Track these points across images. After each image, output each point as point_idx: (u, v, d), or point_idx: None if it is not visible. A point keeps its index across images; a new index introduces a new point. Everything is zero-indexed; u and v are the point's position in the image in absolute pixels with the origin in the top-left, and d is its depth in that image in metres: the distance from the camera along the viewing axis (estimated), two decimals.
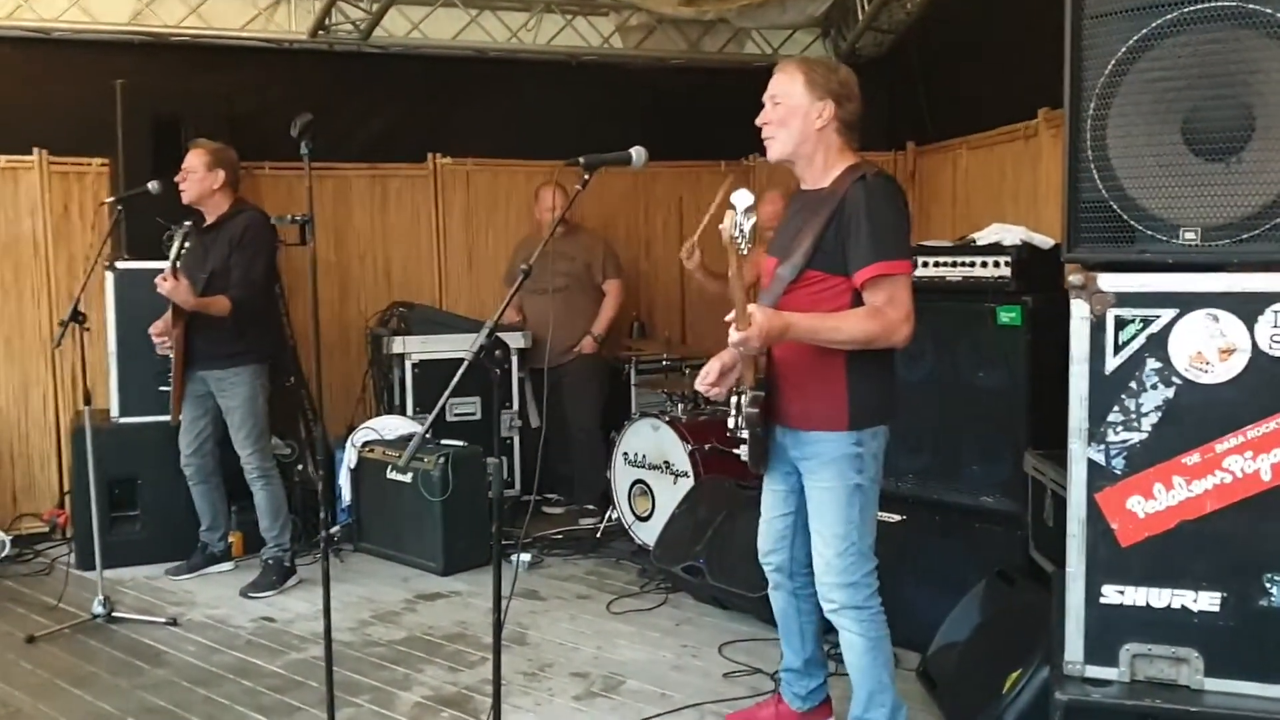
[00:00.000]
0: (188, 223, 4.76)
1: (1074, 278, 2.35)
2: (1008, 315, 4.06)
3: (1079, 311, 2.37)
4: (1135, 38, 2.38)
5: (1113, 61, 2.40)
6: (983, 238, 4.28)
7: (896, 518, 4.35)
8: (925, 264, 4.30)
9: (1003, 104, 5.82)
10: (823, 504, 3.14)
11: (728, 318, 2.87)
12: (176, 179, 5.09)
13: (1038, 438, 3.95)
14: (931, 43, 6.69)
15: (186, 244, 4.63)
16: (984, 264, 4.15)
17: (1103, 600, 2.39)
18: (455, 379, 2.82)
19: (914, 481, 4.33)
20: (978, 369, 4.16)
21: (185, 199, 5.10)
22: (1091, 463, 2.39)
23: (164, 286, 4.73)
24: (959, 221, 6.25)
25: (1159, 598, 2.37)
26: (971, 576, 3.92)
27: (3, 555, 5.74)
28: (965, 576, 3.96)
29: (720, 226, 2.72)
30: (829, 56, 3.15)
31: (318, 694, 3.81)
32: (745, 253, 2.72)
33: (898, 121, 7.05)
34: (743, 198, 2.71)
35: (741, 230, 2.68)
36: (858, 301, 2.99)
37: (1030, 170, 5.74)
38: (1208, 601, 2.35)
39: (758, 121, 3.14)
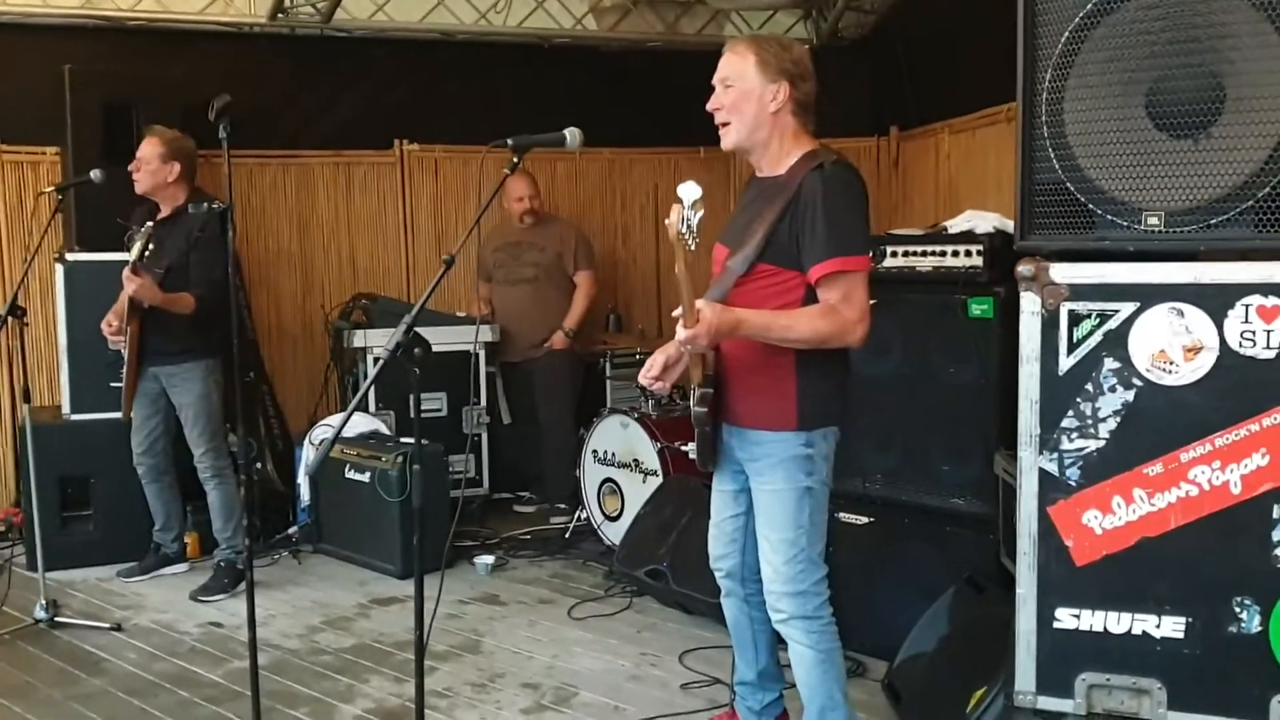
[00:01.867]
0: (149, 222, 4.58)
1: (1023, 268, 2.14)
2: (979, 307, 3.85)
3: (1029, 306, 2.17)
4: (1093, 1, 2.15)
5: (1069, 28, 2.19)
6: (954, 225, 4.09)
7: (864, 520, 4.16)
8: (894, 254, 4.10)
9: (985, 86, 5.61)
10: (771, 508, 2.97)
11: (675, 313, 2.72)
12: (130, 168, 4.90)
13: (1010, 437, 3.72)
14: (914, 23, 6.49)
15: (150, 244, 4.45)
16: (955, 253, 3.95)
17: (1056, 625, 2.19)
18: (371, 378, 2.73)
19: (882, 482, 4.13)
20: (948, 364, 3.96)
21: (138, 189, 4.92)
22: (1043, 473, 2.18)
23: (130, 285, 4.56)
24: (943, 209, 6.04)
25: (1118, 622, 2.16)
26: (941, 582, 3.74)
27: None
28: (935, 582, 3.77)
29: (667, 221, 2.56)
30: (783, 36, 2.99)
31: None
32: (693, 248, 2.57)
33: (881, 105, 6.84)
34: (689, 190, 2.57)
35: (689, 225, 2.54)
36: (811, 297, 2.84)
37: (1012, 154, 5.50)
38: (1171, 627, 2.14)
39: (709, 107, 2.96)
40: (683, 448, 5.09)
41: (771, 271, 2.85)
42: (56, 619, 4.59)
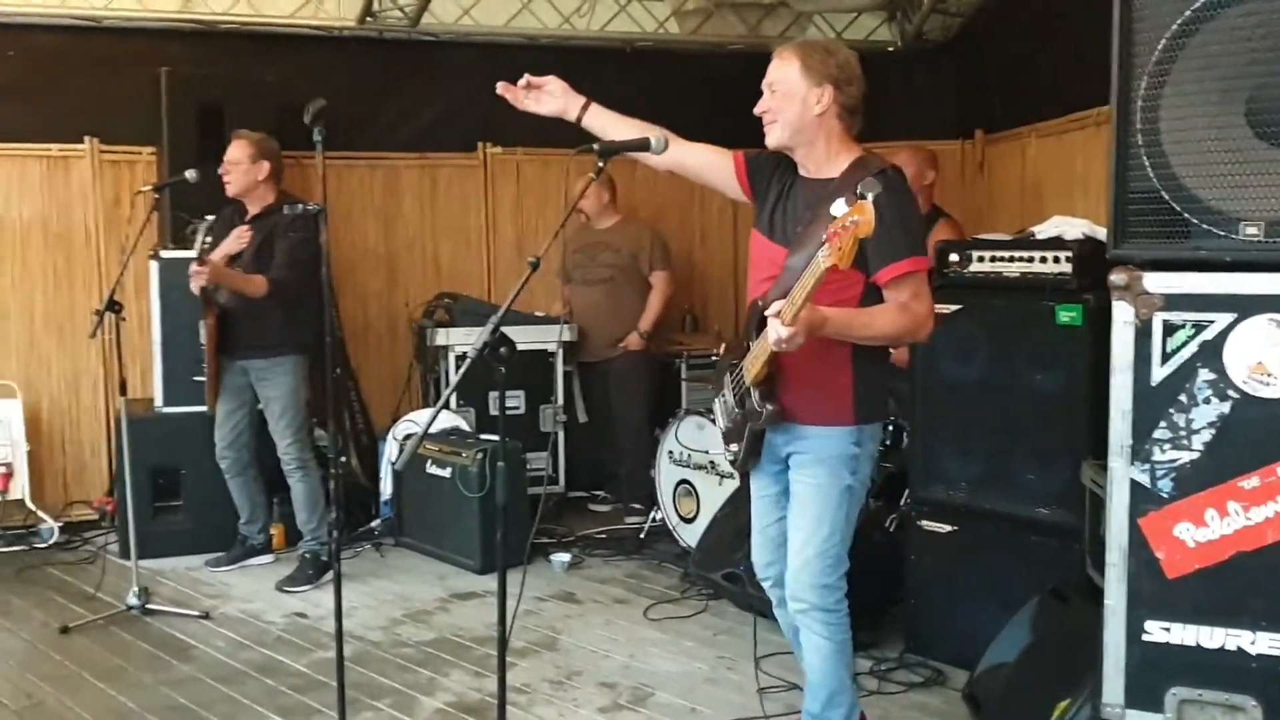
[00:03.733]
0: (210, 217, 4.69)
1: (1116, 277, 2.11)
2: (1068, 314, 3.78)
3: (1122, 315, 2.13)
4: (1192, 7, 2.13)
5: (1167, 35, 2.15)
6: (1042, 231, 4.02)
7: (946, 528, 4.10)
8: (981, 259, 4.04)
9: (1074, 89, 5.51)
10: (810, 500, 3.03)
11: (772, 309, 2.71)
12: (220, 171, 5.02)
13: (1098, 447, 3.66)
14: (1001, 25, 6.40)
15: (209, 238, 4.57)
16: (1043, 259, 3.87)
17: (1146, 637, 2.15)
18: (457, 377, 2.73)
19: (965, 490, 4.06)
20: (1035, 371, 3.89)
21: (230, 192, 5.04)
22: (1134, 484, 2.15)
23: (198, 280, 4.70)
24: (1028, 213, 5.95)
25: (1211, 637, 2.12)
26: (1024, 593, 3.68)
27: (50, 542, 5.77)
28: (1018, 592, 3.71)
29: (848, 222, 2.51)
30: (831, 41, 2.93)
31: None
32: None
33: (965, 109, 6.76)
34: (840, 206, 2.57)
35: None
36: (868, 296, 2.91)
37: (1102, 159, 5.38)
38: (1268, 644, 2.09)
39: (756, 111, 3.03)
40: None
41: (833, 273, 2.81)
42: (148, 606, 4.72)
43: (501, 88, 3.23)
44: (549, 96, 3.28)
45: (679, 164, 3.17)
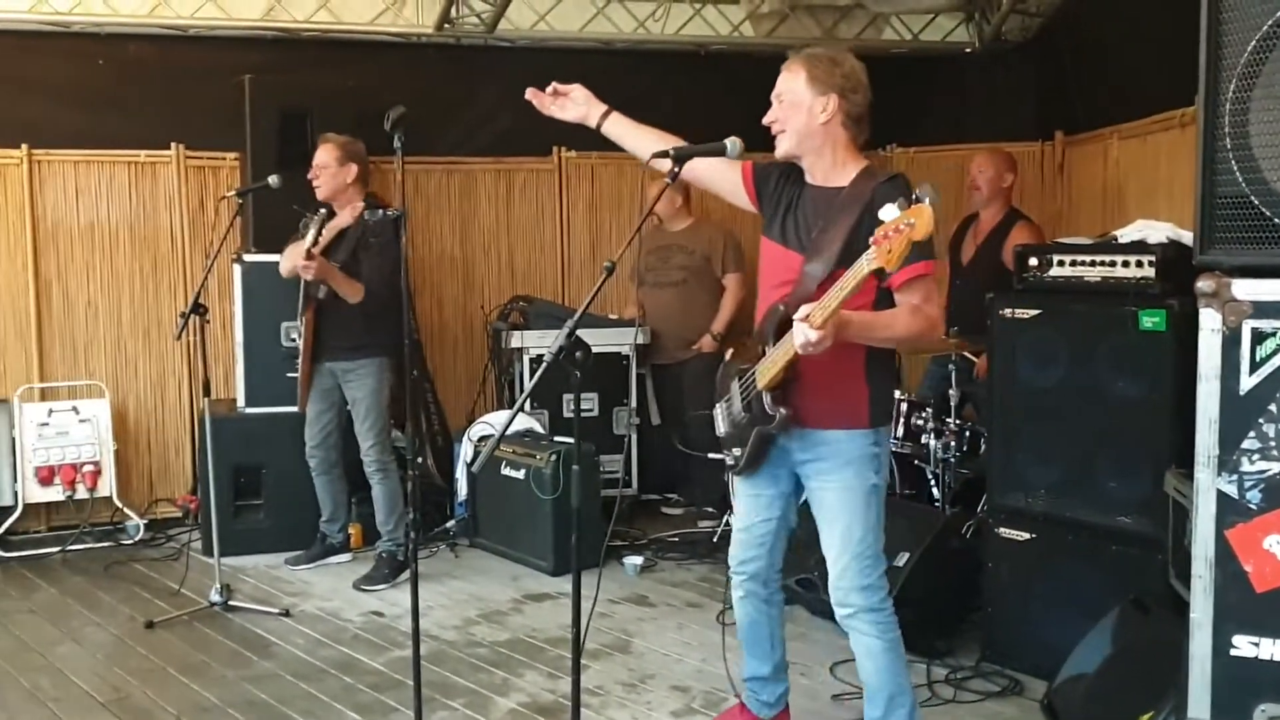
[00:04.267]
0: (323, 209, 4.79)
1: (1204, 283, 2.07)
2: (1151, 320, 3.71)
3: (1209, 322, 2.09)
4: None
5: (1256, 36, 2.10)
6: (1125, 235, 3.95)
7: (1024, 536, 4.05)
8: (1061, 263, 3.99)
9: (1158, 89, 5.40)
10: (839, 505, 3.09)
11: (801, 313, 2.76)
12: (309, 176, 5.11)
13: (1182, 455, 3.58)
14: (1082, 25, 6.28)
15: (324, 229, 4.68)
16: (1126, 264, 3.81)
17: (1234, 652, 2.10)
18: (533, 380, 2.86)
19: (1044, 498, 4.00)
20: (1117, 377, 3.81)
21: (320, 195, 5.13)
22: (1222, 495, 2.10)
23: (308, 271, 4.83)
24: (1109, 217, 5.84)
25: None
26: (1104, 602, 3.61)
27: (136, 539, 5.92)
28: (1097, 602, 3.64)
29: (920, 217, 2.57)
30: (838, 52, 2.85)
31: None
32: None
33: (1045, 110, 6.66)
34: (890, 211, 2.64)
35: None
36: (882, 299, 2.99)
37: (1187, 161, 5.24)
38: None
39: (764, 121, 3.14)
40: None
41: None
42: (230, 603, 4.81)
43: (530, 93, 3.38)
44: (572, 104, 3.41)
45: (690, 171, 3.21)
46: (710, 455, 4.45)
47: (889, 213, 2.61)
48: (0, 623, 4.74)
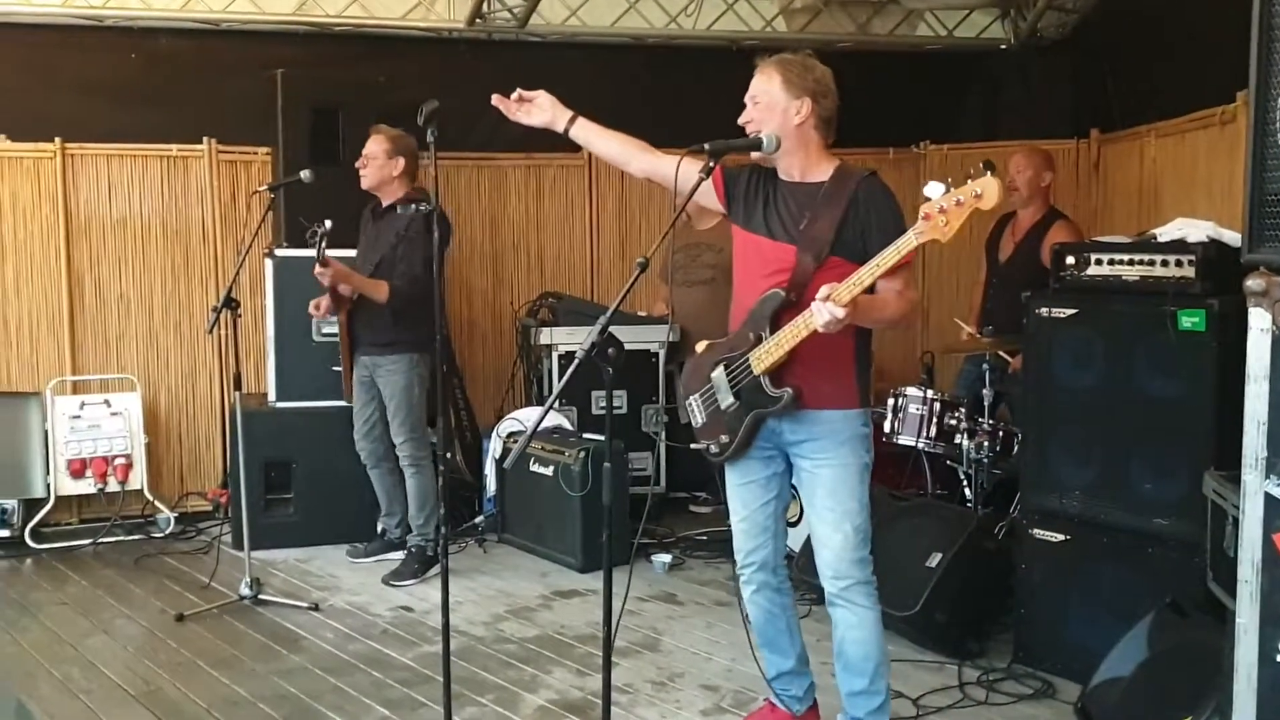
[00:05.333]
0: (328, 221, 4.79)
1: (1253, 282, 2.03)
2: (1190, 320, 3.65)
3: (1258, 322, 2.05)
4: None
5: None
6: (1164, 234, 3.89)
7: (1059, 537, 4.00)
8: (1099, 261, 3.93)
9: (1196, 87, 5.34)
10: (835, 483, 3.20)
11: (824, 292, 2.87)
12: (357, 164, 5.13)
13: (1221, 457, 3.54)
14: (1119, 22, 6.22)
15: (325, 243, 4.69)
16: (1164, 263, 3.75)
17: None
18: (565, 377, 2.84)
19: (1079, 499, 3.95)
20: (1154, 378, 3.76)
21: (365, 184, 5.15)
22: (1269, 498, 2.06)
23: (325, 279, 4.86)
24: (1145, 216, 5.77)
25: None
26: (1140, 605, 3.56)
27: (166, 532, 5.95)
28: (1133, 605, 3.60)
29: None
30: (807, 58, 2.86)
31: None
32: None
33: (1081, 107, 6.59)
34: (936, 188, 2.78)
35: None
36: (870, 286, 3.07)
37: (1226, 160, 5.24)
38: None
39: (739, 122, 3.24)
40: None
41: (839, 264, 3.07)
42: (260, 596, 4.82)
43: (496, 99, 3.52)
44: (538, 109, 3.58)
45: (656, 172, 3.42)
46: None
47: (935, 189, 2.74)
48: (32, 614, 4.78)
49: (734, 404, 3.22)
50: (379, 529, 5.51)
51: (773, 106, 3.18)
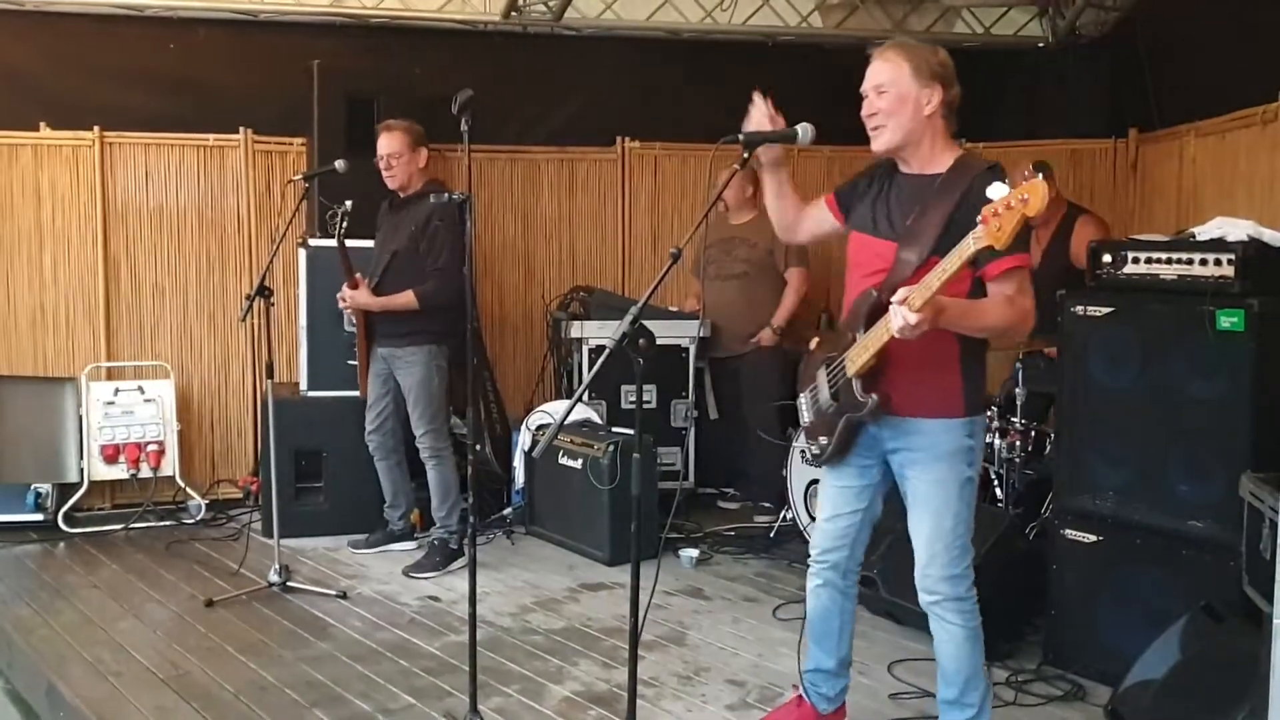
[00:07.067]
0: (348, 202, 4.79)
1: None
2: (1229, 320, 3.60)
3: None
4: None
5: None
6: (1204, 232, 3.84)
7: (1091, 538, 3.95)
8: (1136, 260, 3.89)
9: (1237, 86, 5.28)
10: (932, 497, 3.08)
11: (899, 295, 2.72)
12: (381, 166, 5.10)
13: (1259, 458, 3.50)
14: (1159, 20, 6.15)
15: (345, 220, 4.69)
16: (1203, 262, 3.70)
17: None
18: (595, 367, 2.82)
19: (1113, 500, 3.90)
20: (1192, 378, 3.71)
21: (393, 184, 5.14)
22: None
23: (349, 304, 4.97)
24: (1184, 215, 5.71)
25: None
26: (1173, 608, 3.53)
27: (197, 519, 5.99)
28: (1166, 608, 3.57)
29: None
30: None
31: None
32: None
33: (1120, 106, 6.52)
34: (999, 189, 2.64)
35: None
36: (975, 289, 2.95)
37: (1268, 158, 5.18)
38: None
39: (864, 114, 3.08)
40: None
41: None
42: (288, 584, 4.85)
43: (757, 97, 3.27)
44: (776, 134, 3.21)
45: (798, 232, 3.46)
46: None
47: (998, 191, 2.59)
48: (65, 597, 4.82)
49: (832, 406, 3.13)
50: (384, 519, 5.53)
51: (904, 98, 2.97)
